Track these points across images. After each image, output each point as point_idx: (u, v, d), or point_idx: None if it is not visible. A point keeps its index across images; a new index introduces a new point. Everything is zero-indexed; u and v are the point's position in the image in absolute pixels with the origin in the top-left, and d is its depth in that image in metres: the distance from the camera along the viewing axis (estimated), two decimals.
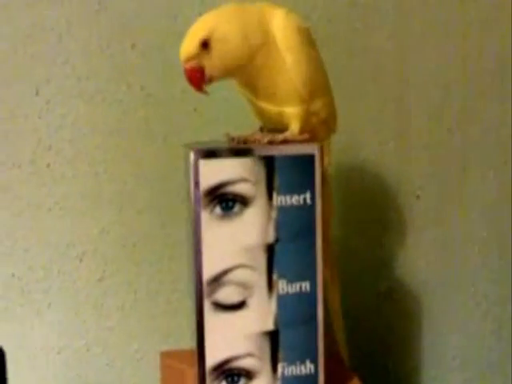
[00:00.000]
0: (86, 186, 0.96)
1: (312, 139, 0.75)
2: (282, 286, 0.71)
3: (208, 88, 0.72)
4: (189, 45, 0.70)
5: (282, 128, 0.74)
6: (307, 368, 0.72)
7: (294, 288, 0.71)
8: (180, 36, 0.94)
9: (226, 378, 0.71)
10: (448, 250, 1.09)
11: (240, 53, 0.70)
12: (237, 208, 0.69)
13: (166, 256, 0.99)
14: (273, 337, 0.71)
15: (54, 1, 0.93)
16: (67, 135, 0.95)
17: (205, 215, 0.68)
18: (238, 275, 0.70)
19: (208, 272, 0.69)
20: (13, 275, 0.95)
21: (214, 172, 0.68)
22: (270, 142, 0.72)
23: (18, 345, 0.96)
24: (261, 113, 0.77)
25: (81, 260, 0.97)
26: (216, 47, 0.69)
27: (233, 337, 0.70)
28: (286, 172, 0.70)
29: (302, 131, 0.74)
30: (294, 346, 0.72)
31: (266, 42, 0.72)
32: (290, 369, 0.72)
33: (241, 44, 0.70)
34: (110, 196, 0.97)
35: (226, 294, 0.70)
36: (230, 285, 0.70)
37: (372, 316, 1.01)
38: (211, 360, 0.71)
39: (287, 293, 0.71)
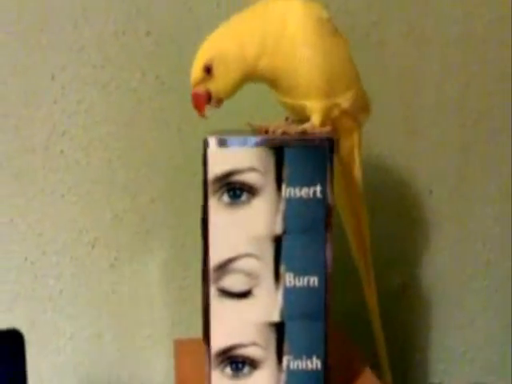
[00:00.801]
0: (100, 172, 0.97)
1: (335, 132, 0.75)
2: (289, 279, 0.70)
3: None
4: (194, 71, 0.72)
5: (307, 120, 0.74)
6: (314, 364, 0.72)
7: (302, 282, 0.70)
8: (195, 25, 0.95)
9: (230, 364, 0.71)
10: (461, 246, 1.09)
11: (242, 66, 0.72)
12: (244, 197, 0.68)
13: (179, 244, 0.99)
14: (279, 328, 0.71)
15: None
16: (81, 122, 0.95)
17: (213, 202, 0.69)
18: (244, 264, 0.70)
19: (215, 258, 0.70)
20: (26, 259, 0.96)
21: (223, 160, 0.68)
22: (284, 133, 0.71)
23: (30, 329, 0.96)
24: (284, 105, 0.77)
25: (93, 246, 0.98)
26: (218, 69, 0.71)
27: (238, 324, 0.71)
28: (295, 163, 0.69)
29: (323, 124, 0.74)
30: (300, 340, 0.71)
31: (273, 42, 0.72)
32: (295, 363, 0.71)
33: (242, 56, 0.71)
34: (124, 183, 0.97)
35: (233, 282, 0.70)
36: (237, 273, 0.70)
37: (385, 310, 1.00)
38: (216, 345, 0.71)
39: (294, 286, 0.70)
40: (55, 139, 0.95)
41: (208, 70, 0.71)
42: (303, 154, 0.69)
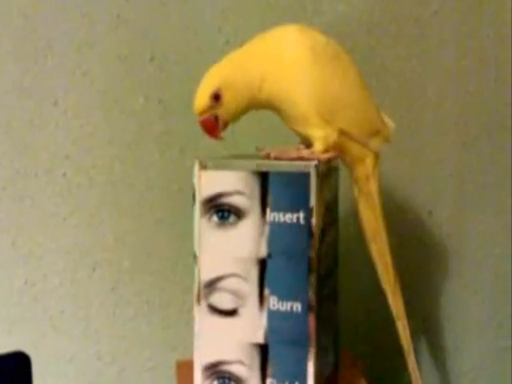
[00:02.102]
0: (102, 196, 0.97)
1: (342, 159, 0.77)
2: (273, 303, 0.70)
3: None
4: (201, 99, 0.73)
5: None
6: None
7: (285, 306, 0.70)
8: (199, 50, 0.96)
9: (217, 378, 0.72)
10: (460, 266, 1.09)
11: (247, 91, 0.73)
12: (232, 219, 0.70)
13: (180, 266, 1.00)
14: (263, 350, 0.71)
15: (74, 13, 0.94)
16: (84, 145, 0.96)
17: (203, 222, 0.71)
18: (231, 283, 0.71)
19: (205, 275, 0.72)
20: (26, 282, 0.96)
21: (212, 182, 0.70)
22: (276, 158, 0.72)
23: (30, 351, 0.96)
24: (294, 132, 0.77)
25: (94, 269, 0.98)
26: (226, 96, 0.72)
27: (225, 341, 0.72)
28: (279, 188, 0.69)
29: (326, 151, 0.74)
30: (283, 364, 0.71)
31: (271, 69, 0.72)
32: None
33: (246, 83, 0.73)
34: (126, 206, 0.98)
35: (220, 300, 0.71)
36: (224, 291, 0.71)
37: (384, 329, 1.01)
38: (204, 359, 0.72)
39: (278, 310, 0.70)
40: (58, 162, 0.95)
41: (216, 98, 0.72)
42: (287, 180, 0.69)
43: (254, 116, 0.77)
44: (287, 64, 0.72)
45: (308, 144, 0.76)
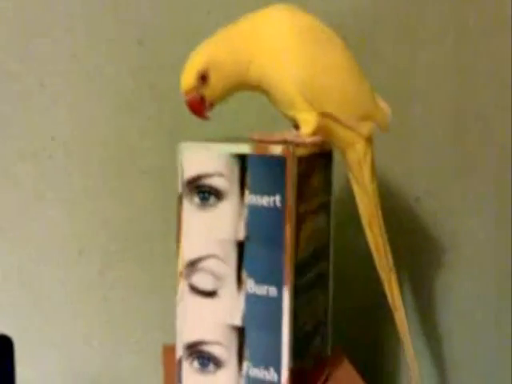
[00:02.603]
0: (88, 179, 0.97)
1: (330, 141, 0.77)
2: (250, 286, 0.70)
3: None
4: (188, 78, 0.72)
5: None
6: (271, 375, 0.71)
7: (261, 290, 0.70)
8: (188, 33, 0.96)
9: (197, 358, 0.73)
10: (448, 253, 1.10)
11: (235, 72, 0.72)
12: (212, 200, 0.71)
13: (168, 250, 0.99)
14: (240, 333, 0.71)
15: None
16: (71, 128, 0.95)
17: (186, 203, 0.73)
18: (210, 264, 0.72)
19: (186, 256, 0.73)
20: (11, 266, 0.96)
21: (194, 164, 0.72)
22: (260, 141, 0.72)
23: (17, 336, 0.95)
24: (283, 115, 0.77)
25: (80, 253, 0.97)
26: (213, 76, 0.72)
27: (205, 322, 0.73)
28: (257, 172, 0.69)
29: (314, 134, 0.73)
30: (258, 348, 0.71)
31: (258, 51, 0.72)
32: (254, 370, 0.71)
33: (233, 63, 0.72)
34: (113, 189, 0.97)
35: (201, 280, 0.72)
36: (204, 272, 0.72)
37: (368, 319, 1.02)
38: (185, 337, 0.74)
39: (255, 293, 0.70)
40: (44, 145, 0.95)
41: (203, 78, 0.72)
42: (264, 163, 0.68)
43: (249, 98, 0.77)
44: (273, 45, 0.71)
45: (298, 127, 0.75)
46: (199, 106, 0.73)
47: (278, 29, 0.72)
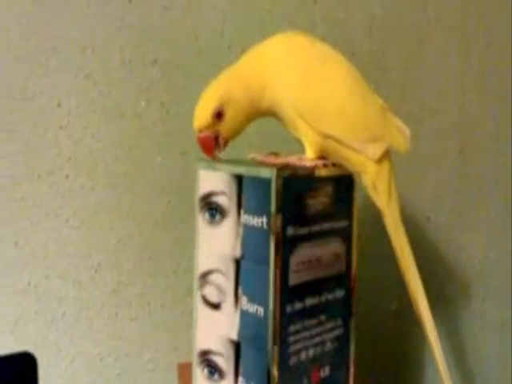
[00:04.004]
0: (104, 197, 0.98)
1: (342, 164, 0.75)
2: (244, 303, 0.71)
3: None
4: (202, 116, 0.72)
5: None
6: None
7: (252, 308, 0.70)
8: (201, 53, 0.97)
9: (207, 366, 0.75)
10: (459, 272, 1.10)
11: (250, 102, 0.73)
12: (218, 217, 0.73)
13: (181, 269, 1.00)
14: (237, 347, 0.72)
15: (78, 16, 0.94)
16: (87, 147, 0.97)
17: (199, 218, 0.75)
18: (216, 278, 0.74)
19: (200, 267, 0.76)
20: (29, 283, 0.97)
21: (206, 182, 0.74)
22: (261, 163, 0.73)
23: (32, 352, 0.97)
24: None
25: (96, 271, 0.99)
26: (229, 112, 0.72)
27: (212, 332, 0.74)
28: (249, 192, 0.70)
29: (318, 156, 0.73)
30: (249, 365, 0.71)
31: (265, 79, 0.72)
32: None
33: (248, 93, 0.72)
34: (128, 208, 0.99)
35: (209, 292, 0.75)
36: (212, 285, 0.74)
37: (381, 333, 1.02)
38: (198, 345, 0.76)
39: (247, 310, 0.71)
40: (61, 164, 0.96)
41: (219, 115, 0.72)
42: (255, 184, 0.69)
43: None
44: (274, 67, 0.72)
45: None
46: (211, 145, 0.73)
47: (277, 52, 0.73)
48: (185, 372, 0.83)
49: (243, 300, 0.71)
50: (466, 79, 1.08)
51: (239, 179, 0.70)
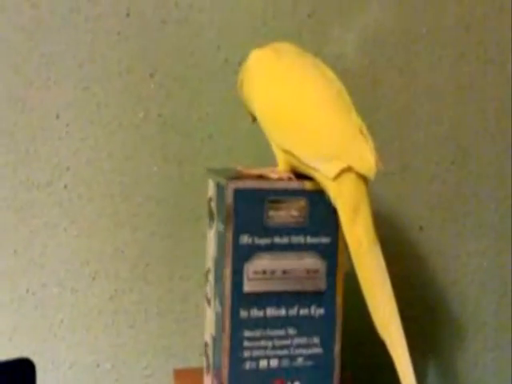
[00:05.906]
0: (101, 207, 0.99)
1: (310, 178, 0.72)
2: (216, 304, 0.75)
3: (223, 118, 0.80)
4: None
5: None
6: None
7: (218, 309, 0.73)
8: (198, 67, 0.99)
9: (206, 358, 0.81)
10: (450, 281, 1.12)
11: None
12: (210, 221, 0.79)
13: (177, 276, 1.02)
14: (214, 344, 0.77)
15: (76, 29, 0.96)
16: (85, 158, 0.98)
17: (207, 221, 0.81)
18: (210, 277, 0.78)
19: (205, 266, 0.82)
20: (27, 291, 0.98)
21: (209, 188, 0.80)
22: (239, 174, 0.75)
23: (32, 359, 0.98)
24: None
25: (93, 278, 1.00)
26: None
27: (208, 327, 0.80)
28: (219, 201, 0.73)
29: (288, 171, 0.73)
30: (216, 364, 0.76)
31: (247, 90, 0.79)
32: None
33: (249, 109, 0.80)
34: (125, 218, 1.00)
35: (207, 289, 0.80)
36: (208, 283, 0.80)
37: (374, 344, 1.02)
38: (205, 336, 0.82)
39: (218, 311, 0.74)
40: (59, 174, 0.98)
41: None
42: (222, 194, 0.72)
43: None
44: (250, 81, 0.77)
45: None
46: None
47: (250, 68, 0.77)
48: (181, 378, 0.84)
49: (217, 303, 0.74)
50: (458, 92, 1.09)
51: (221, 188, 0.73)
